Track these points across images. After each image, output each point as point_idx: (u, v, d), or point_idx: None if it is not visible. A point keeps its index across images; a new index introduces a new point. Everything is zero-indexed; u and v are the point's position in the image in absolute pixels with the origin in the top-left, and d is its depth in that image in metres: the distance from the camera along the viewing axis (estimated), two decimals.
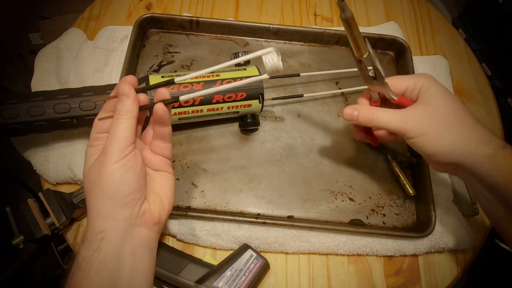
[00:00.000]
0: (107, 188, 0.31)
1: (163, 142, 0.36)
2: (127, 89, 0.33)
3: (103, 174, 0.31)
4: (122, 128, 0.32)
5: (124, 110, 0.32)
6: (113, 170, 0.31)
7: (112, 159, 0.31)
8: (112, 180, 0.31)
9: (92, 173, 0.32)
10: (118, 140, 0.31)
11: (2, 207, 0.45)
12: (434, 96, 0.38)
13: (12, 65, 1.17)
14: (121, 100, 0.33)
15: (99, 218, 0.31)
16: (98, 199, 0.31)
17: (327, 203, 0.48)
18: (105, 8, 0.62)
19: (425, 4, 0.69)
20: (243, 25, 0.57)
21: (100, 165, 0.31)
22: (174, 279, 0.40)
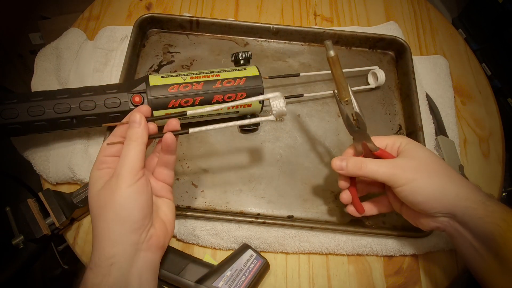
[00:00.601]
0: (119, 212, 0.31)
1: (167, 170, 0.38)
2: (139, 117, 0.34)
3: (117, 197, 0.31)
4: (133, 154, 0.33)
5: (135, 137, 0.34)
6: (127, 194, 0.31)
7: (126, 183, 0.31)
8: (125, 204, 0.31)
9: (102, 196, 0.32)
10: (130, 165, 0.32)
11: (2, 207, 0.45)
12: (415, 151, 0.39)
13: (12, 65, 1.17)
14: (132, 127, 0.34)
15: (109, 243, 0.31)
16: (109, 223, 0.31)
17: (327, 203, 0.48)
18: (105, 8, 0.62)
19: (425, 4, 0.69)
20: (243, 25, 0.57)
21: (112, 189, 0.32)
22: (174, 279, 0.40)
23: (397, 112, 0.55)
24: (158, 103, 0.43)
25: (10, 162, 0.73)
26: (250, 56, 0.49)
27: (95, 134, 0.49)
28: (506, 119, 0.60)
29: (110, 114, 0.43)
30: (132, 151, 0.33)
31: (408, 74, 0.55)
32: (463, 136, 0.56)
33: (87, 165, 0.47)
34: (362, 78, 0.57)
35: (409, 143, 0.40)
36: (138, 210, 0.32)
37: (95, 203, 0.33)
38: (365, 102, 0.55)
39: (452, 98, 0.58)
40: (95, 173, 0.34)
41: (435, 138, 0.53)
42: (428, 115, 0.54)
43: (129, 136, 0.34)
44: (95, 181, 0.34)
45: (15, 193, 0.73)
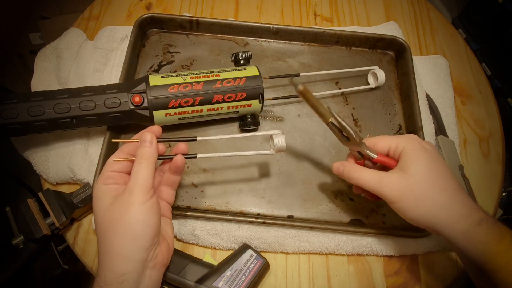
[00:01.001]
0: (133, 228, 0.31)
1: (170, 189, 0.39)
2: (150, 137, 0.35)
3: (131, 214, 0.31)
4: (145, 172, 0.33)
5: (146, 155, 0.34)
6: (140, 210, 0.32)
7: (139, 200, 0.32)
8: (139, 221, 0.32)
9: (115, 212, 0.32)
10: (143, 183, 0.33)
11: (2, 207, 0.45)
12: (412, 162, 0.37)
13: (12, 65, 1.17)
14: (143, 146, 0.35)
15: (120, 259, 0.31)
16: (121, 239, 0.31)
17: (327, 203, 0.48)
18: (105, 8, 0.62)
19: (425, 4, 0.69)
20: (243, 25, 0.57)
21: (125, 205, 0.32)
22: (174, 279, 0.40)
23: (397, 112, 0.55)
24: (158, 103, 0.43)
25: (10, 162, 0.73)
26: (250, 56, 0.49)
27: (95, 134, 0.49)
28: (506, 119, 0.60)
29: (110, 114, 0.43)
30: (143, 169, 0.33)
31: (408, 74, 0.55)
32: (463, 136, 0.56)
33: (87, 165, 0.47)
34: (362, 78, 0.57)
35: (410, 150, 0.38)
36: (151, 228, 0.32)
37: (105, 217, 0.33)
38: (365, 102, 0.55)
39: (452, 98, 0.58)
40: (102, 187, 0.34)
41: (435, 138, 0.53)
42: (428, 115, 0.54)
43: (141, 155, 0.34)
44: (102, 195, 0.34)
45: (15, 193, 0.73)
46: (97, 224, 0.33)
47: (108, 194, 0.34)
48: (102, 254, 0.32)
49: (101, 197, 0.34)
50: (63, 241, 0.69)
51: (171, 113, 0.44)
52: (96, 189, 0.35)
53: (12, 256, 0.68)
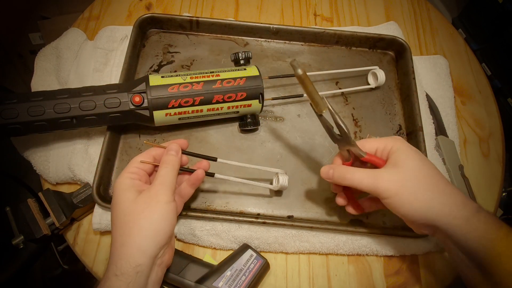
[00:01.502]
0: (156, 225, 0.33)
1: (181, 200, 0.41)
2: (176, 147, 0.39)
3: (156, 210, 0.34)
4: (171, 176, 0.36)
5: (172, 163, 0.37)
6: (165, 209, 0.34)
7: (165, 199, 0.34)
8: (162, 218, 0.34)
9: (140, 206, 0.34)
10: (169, 184, 0.36)
11: (2, 207, 0.45)
12: (403, 158, 0.37)
13: (12, 65, 1.17)
14: (170, 154, 0.38)
15: (139, 251, 0.32)
16: (143, 233, 0.33)
17: (327, 203, 0.48)
18: (105, 8, 0.62)
19: (425, 4, 0.69)
20: (243, 25, 0.57)
21: (151, 201, 0.34)
22: (174, 279, 0.40)
23: (397, 112, 0.55)
24: (158, 103, 0.43)
25: (10, 162, 0.73)
26: (250, 56, 0.49)
27: (95, 134, 0.49)
28: (506, 119, 0.60)
29: (110, 114, 0.43)
30: (170, 173, 0.36)
31: (408, 74, 0.55)
32: (463, 136, 0.56)
33: (87, 165, 0.47)
34: (362, 78, 0.57)
35: (400, 148, 0.38)
36: (170, 227, 0.34)
37: (129, 209, 0.34)
38: (365, 102, 0.55)
39: (452, 98, 0.58)
40: (127, 180, 0.36)
41: (435, 138, 0.53)
42: (428, 115, 0.54)
43: (167, 161, 0.37)
44: (127, 188, 0.35)
45: (15, 193, 0.73)
46: (117, 215, 0.34)
47: (134, 188, 0.35)
48: (118, 244, 0.33)
49: (127, 189, 0.35)
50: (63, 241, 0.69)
51: (171, 113, 0.44)
52: (121, 181, 0.36)
53: (12, 256, 0.68)
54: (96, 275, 0.44)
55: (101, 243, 0.45)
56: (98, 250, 0.45)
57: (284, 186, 0.44)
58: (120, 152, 0.49)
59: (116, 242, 0.33)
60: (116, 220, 0.34)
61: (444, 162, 0.51)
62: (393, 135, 0.53)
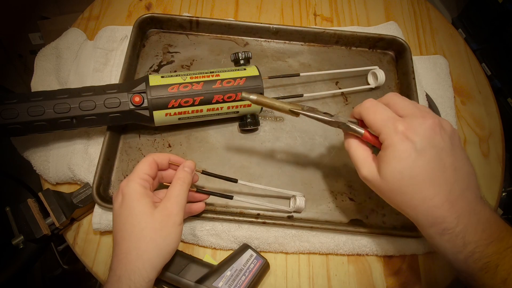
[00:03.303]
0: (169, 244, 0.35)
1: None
2: (192, 166, 0.40)
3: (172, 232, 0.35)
4: (184, 195, 0.37)
5: (188, 181, 0.38)
6: (179, 231, 0.36)
7: (179, 220, 0.36)
8: (176, 239, 0.36)
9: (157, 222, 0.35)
10: (182, 205, 0.36)
11: (2, 207, 0.45)
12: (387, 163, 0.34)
13: (12, 65, 1.17)
14: (185, 171, 0.39)
15: (152, 268, 0.34)
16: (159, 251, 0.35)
17: (327, 203, 0.48)
18: (105, 8, 0.62)
19: (425, 4, 0.69)
20: (243, 25, 0.57)
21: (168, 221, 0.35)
22: (174, 279, 0.40)
23: None
24: (158, 103, 0.43)
25: (10, 162, 0.73)
26: (250, 56, 0.49)
27: (95, 134, 0.49)
28: (506, 119, 0.60)
29: (110, 114, 0.43)
30: (184, 193, 0.37)
31: (408, 74, 0.55)
32: (463, 136, 0.56)
33: (87, 165, 0.47)
34: (362, 78, 0.57)
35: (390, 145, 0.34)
36: (175, 248, 0.36)
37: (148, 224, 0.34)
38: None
39: (452, 98, 0.58)
40: (141, 189, 0.36)
41: None
42: None
43: (182, 178, 0.38)
44: (142, 197, 0.35)
45: (15, 193, 0.73)
46: (131, 224, 0.35)
47: (148, 198, 0.36)
48: (133, 256, 0.34)
49: (142, 199, 0.35)
50: (63, 241, 0.69)
51: (171, 113, 0.44)
52: (134, 188, 0.36)
53: (12, 256, 0.68)
54: (96, 275, 0.44)
55: (101, 243, 0.45)
56: (98, 250, 0.45)
57: (300, 207, 0.45)
58: (120, 152, 0.49)
59: (129, 254, 0.34)
60: (127, 229, 0.35)
61: None
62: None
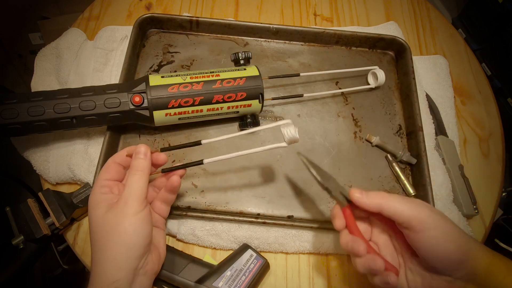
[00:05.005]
0: (127, 238, 0.32)
1: (164, 205, 0.40)
2: (144, 149, 0.36)
3: (125, 224, 0.33)
4: (139, 183, 0.35)
5: (141, 167, 0.35)
6: (134, 221, 0.33)
7: (133, 210, 0.33)
8: (133, 231, 0.33)
9: (109, 221, 0.33)
10: (137, 194, 0.34)
11: (2, 207, 0.45)
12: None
13: (12, 65, 1.17)
14: (138, 158, 0.36)
15: (114, 268, 0.32)
16: (115, 248, 0.32)
17: (327, 203, 0.48)
18: (105, 8, 0.62)
19: (425, 4, 0.69)
20: (243, 25, 0.57)
21: (119, 215, 0.33)
22: (174, 279, 0.40)
23: (397, 112, 0.55)
24: (158, 103, 0.43)
25: (10, 162, 0.73)
26: (250, 56, 0.49)
27: (95, 134, 0.49)
28: (506, 119, 0.60)
29: (110, 114, 0.43)
30: (138, 180, 0.35)
31: (408, 74, 0.55)
32: (463, 136, 0.56)
33: (87, 165, 0.47)
34: (362, 78, 0.57)
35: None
36: (143, 238, 0.33)
37: (100, 226, 0.33)
38: (365, 102, 0.55)
39: (452, 98, 0.58)
40: (97, 196, 0.35)
41: (435, 138, 0.53)
42: (428, 115, 0.54)
43: (135, 166, 0.35)
44: (96, 205, 0.34)
45: (15, 193, 0.73)
46: (91, 233, 0.34)
47: (103, 203, 0.34)
48: (95, 261, 0.33)
49: (96, 206, 0.34)
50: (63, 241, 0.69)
51: (171, 113, 0.44)
52: (91, 198, 0.35)
53: (12, 256, 0.68)
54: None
55: None
56: None
57: (294, 137, 0.36)
58: None
59: (93, 259, 0.33)
60: (91, 238, 0.34)
61: (444, 162, 0.51)
62: (393, 135, 0.53)
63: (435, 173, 0.49)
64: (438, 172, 0.50)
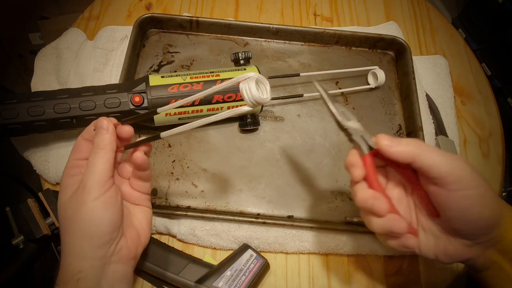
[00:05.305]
0: (85, 227, 0.29)
1: (141, 182, 0.35)
2: (106, 123, 0.32)
3: (83, 211, 0.29)
4: (101, 163, 0.31)
5: (103, 144, 0.31)
6: (92, 207, 0.29)
7: (92, 195, 0.29)
8: (92, 218, 0.29)
9: (69, 208, 0.30)
10: (97, 175, 0.30)
11: (2, 207, 0.45)
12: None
13: (12, 65, 1.17)
14: (100, 133, 0.32)
15: (75, 258, 0.30)
16: (75, 238, 0.30)
17: (327, 203, 0.48)
18: (105, 8, 0.62)
19: (425, 4, 0.69)
20: (243, 25, 0.57)
21: (78, 201, 0.30)
22: (174, 279, 0.40)
23: (397, 112, 0.55)
24: (158, 103, 0.43)
25: (10, 162, 0.73)
26: (250, 56, 0.49)
27: None
28: (506, 119, 0.60)
29: (110, 114, 0.43)
30: (99, 159, 0.31)
31: (408, 74, 0.55)
32: (463, 136, 0.56)
33: None
34: (362, 78, 0.57)
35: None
36: (106, 224, 0.30)
37: (62, 215, 0.31)
38: (365, 102, 0.55)
39: (452, 98, 0.58)
40: (65, 180, 0.31)
41: (435, 138, 0.53)
42: (428, 115, 0.54)
43: (97, 144, 0.31)
44: (63, 189, 0.31)
45: (15, 193, 0.73)
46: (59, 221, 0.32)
47: (70, 186, 0.31)
48: (61, 252, 0.30)
49: (62, 191, 0.31)
50: None
51: (171, 113, 0.44)
52: (61, 182, 0.32)
53: (12, 256, 0.68)
54: None
55: None
56: None
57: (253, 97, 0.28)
58: None
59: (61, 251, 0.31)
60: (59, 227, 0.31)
61: None
62: (393, 135, 0.53)
63: None
64: None
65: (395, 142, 0.30)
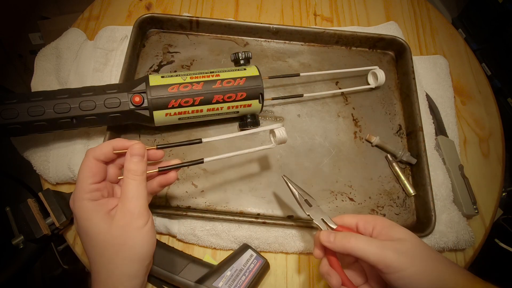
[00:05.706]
0: (140, 251, 0.32)
1: (150, 196, 0.38)
2: (139, 151, 0.33)
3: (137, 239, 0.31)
4: (141, 188, 0.32)
5: (141, 171, 0.33)
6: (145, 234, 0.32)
7: (142, 222, 0.32)
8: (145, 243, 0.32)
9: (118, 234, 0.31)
10: (142, 202, 0.32)
11: (2, 207, 0.45)
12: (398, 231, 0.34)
13: (12, 65, 1.17)
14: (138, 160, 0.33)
15: (128, 278, 0.32)
16: (127, 261, 0.31)
17: (327, 203, 0.48)
18: (105, 8, 0.62)
19: (425, 4, 0.69)
20: (243, 25, 0.57)
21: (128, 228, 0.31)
22: (174, 279, 0.40)
23: (397, 112, 0.55)
24: (158, 103, 0.43)
25: (10, 162, 0.73)
26: (250, 56, 0.49)
27: (95, 134, 0.49)
28: (506, 119, 0.60)
29: (110, 114, 0.43)
30: (140, 186, 0.32)
31: (408, 74, 0.55)
32: (463, 136, 0.56)
33: None
34: (362, 78, 0.57)
35: (393, 224, 0.35)
36: (152, 246, 0.33)
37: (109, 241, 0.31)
38: (365, 102, 0.55)
39: (452, 98, 0.58)
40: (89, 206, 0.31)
41: (435, 138, 0.53)
42: (428, 115, 0.54)
43: (134, 170, 0.32)
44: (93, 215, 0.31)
45: (15, 193, 0.73)
46: (89, 246, 0.32)
47: (101, 212, 0.32)
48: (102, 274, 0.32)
49: (93, 217, 0.31)
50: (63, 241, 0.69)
51: (171, 113, 0.44)
52: (81, 208, 0.31)
53: (12, 256, 0.68)
54: None
55: None
56: None
57: (282, 139, 0.40)
58: None
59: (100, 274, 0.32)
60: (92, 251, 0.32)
61: (444, 162, 0.51)
62: (393, 135, 0.53)
63: (435, 173, 0.49)
64: (438, 172, 0.50)
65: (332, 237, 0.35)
